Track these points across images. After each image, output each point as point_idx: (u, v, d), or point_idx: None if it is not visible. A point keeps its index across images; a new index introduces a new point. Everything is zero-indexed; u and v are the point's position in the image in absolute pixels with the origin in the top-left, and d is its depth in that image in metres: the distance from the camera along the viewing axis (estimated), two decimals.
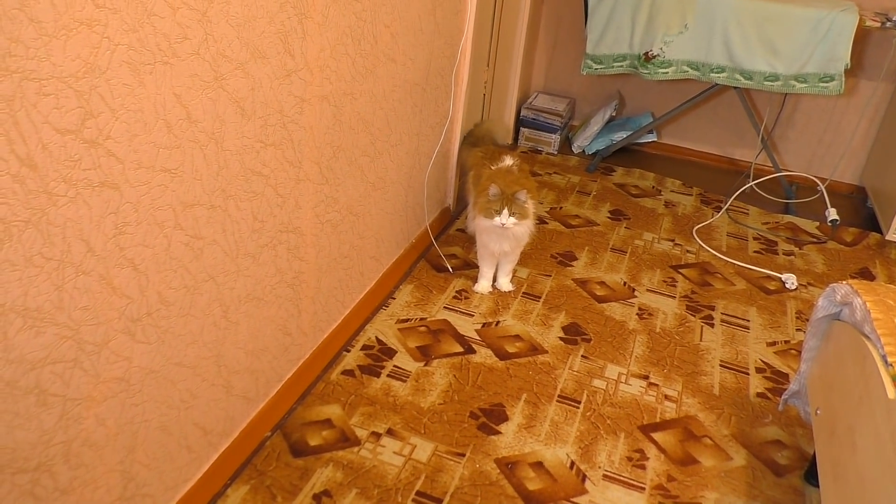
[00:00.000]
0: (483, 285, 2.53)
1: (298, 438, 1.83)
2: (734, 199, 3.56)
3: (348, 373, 2.07)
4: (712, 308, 2.61)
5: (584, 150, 3.93)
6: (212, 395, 1.59)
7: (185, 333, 1.44)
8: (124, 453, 1.35)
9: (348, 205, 2.02)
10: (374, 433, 1.87)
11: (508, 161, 2.53)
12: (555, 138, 3.88)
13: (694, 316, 2.55)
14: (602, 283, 2.69)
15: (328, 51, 1.70)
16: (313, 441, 1.83)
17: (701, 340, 2.42)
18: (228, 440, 1.70)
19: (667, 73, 3.36)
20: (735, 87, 3.40)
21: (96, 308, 1.18)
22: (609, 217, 3.23)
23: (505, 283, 2.56)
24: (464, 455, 1.84)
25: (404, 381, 2.06)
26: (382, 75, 2.04)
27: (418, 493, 1.72)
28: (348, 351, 2.16)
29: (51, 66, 0.98)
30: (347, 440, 1.84)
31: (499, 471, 1.81)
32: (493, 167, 2.50)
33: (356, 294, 2.25)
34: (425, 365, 2.14)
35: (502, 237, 2.37)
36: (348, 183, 1.98)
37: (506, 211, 2.27)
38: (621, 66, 3.47)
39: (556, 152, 3.90)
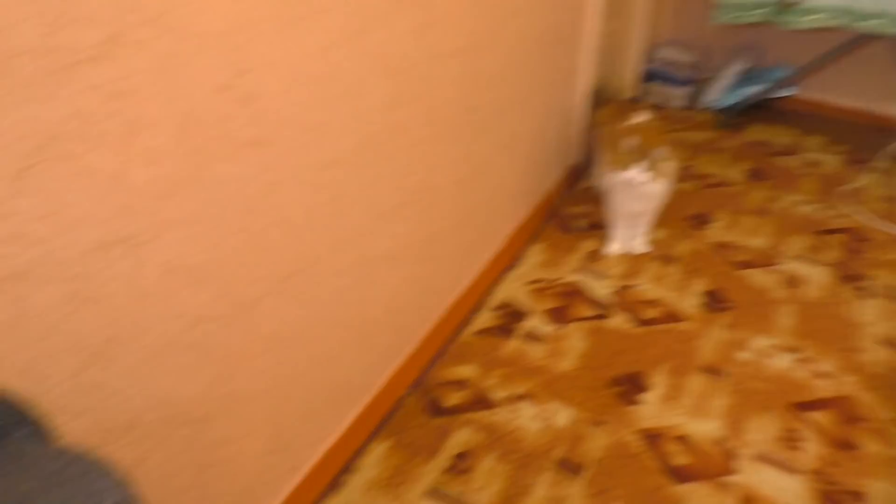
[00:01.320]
0: (615, 246, 2.44)
1: (435, 398, 1.82)
2: (885, 158, 3.27)
3: (481, 333, 2.04)
4: (867, 278, 2.41)
5: (714, 105, 3.71)
6: (354, 352, 1.59)
7: (331, 291, 1.43)
8: (276, 407, 1.37)
9: (479, 162, 1.97)
10: (510, 396, 1.84)
11: (643, 117, 2.40)
12: (683, 92, 3.67)
13: (846, 286, 2.36)
14: (742, 248, 2.53)
15: (459, 4, 1.63)
16: (450, 401, 1.81)
17: (856, 313, 2.24)
18: (368, 397, 1.71)
19: (809, 21, 3.09)
20: (886, 36, 3.09)
21: (251, 266, 1.18)
22: (745, 177, 3.03)
23: (639, 245, 2.45)
24: (604, 424, 1.78)
25: (538, 344, 2.01)
26: (510, 30, 1.95)
27: (559, 460, 1.67)
28: (480, 311, 2.13)
29: (205, 22, 0.96)
30: (483, 402, 1.82)
31: (641, 442, 1.73)
32: (626, 123, 2.38)
33: (486, 254, 2.21)
34: (559, 328, 2.08)
35: (635, 196, 2.25)
36: (479, 141, 1.93)
37: (640, 166, 2.15)
38: (758, 14, 3.22)
39: (684, 107, 3.70)
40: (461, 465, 1.66)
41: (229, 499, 1.32)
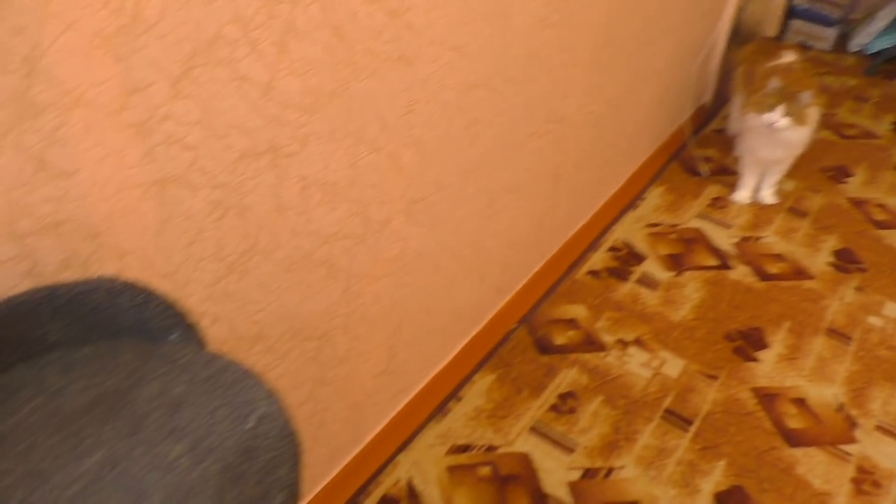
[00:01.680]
0: (743, 194, 2.30)
1: (543, 335, 1.79)
2: None
3: (594, 274, 1.99)
4: None
5: (864, 49, 3.41)
6: (468, 282, 1.57)
7: (453, 220, 1.41)
8: (392, 330, 1.38)
9: (611, 96, 1.87)
10: (620, 340, 1.79)
11: (789, 57, 2.22)
12: (830, 32, 3.38)
13: None
14: (882, 206, 2.35)
15: None
16: (558, 340, 1.78)
17: None
18: (477, 328, 1.70)
19: None
20: None
21: (383, 187, 1.16)
22: (892, 129, 2.79)
23: (768, 196, 2.31)
24: (717, 378, 1.71)
25: (653, 290, 1.94)
26: None
27: (667, 411, 1.63)
28: (595, 251, 2.07)
29: None
30: (593, 344, 1.78)
31: (756, 400, 1.66)
32: (768, 64, 2.20)
33: (606, 192, 2.13)
34: (676, 275, 2.00)
35: (772, 142, 2.10)
36: (614, 72, 1.82)
37: (780, 109, 1.99)
38: None
39: (829, 49, 3.42)
40: (566, 405, 1.64)
41: (339, 415, 1.34)
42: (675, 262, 2.04)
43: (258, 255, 0.97)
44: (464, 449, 1.53)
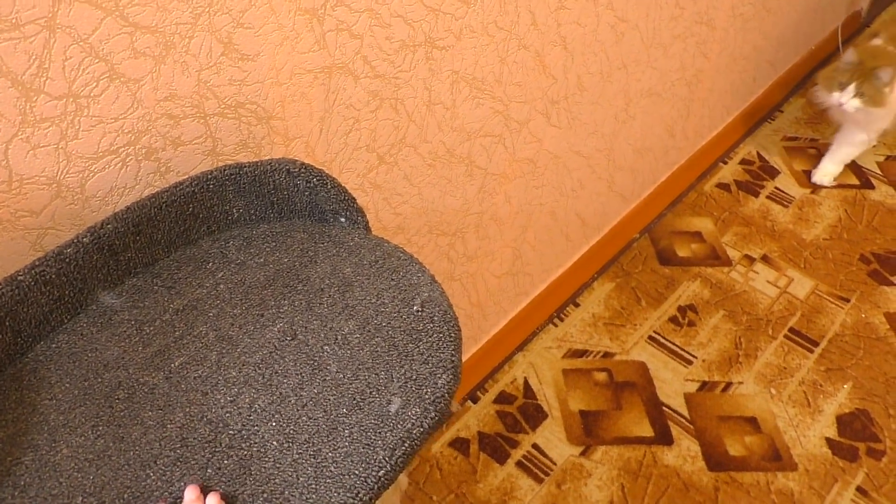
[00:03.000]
0: (825, 170, 1.95)
1: (666, 246, 1.76)
2: None
3: (723, 186, 1.92)
4: None
5: None
6: (596, 187, 1.55)
7: (589, 122, 1.38)
8: (519, 231, 1.39)
9: None
10: (747, 256, 1.74)
11: None
12: None
13: None
14: None
15: None
16: (681, 252, 1.75)
17: None
18: (600, 234, 1.68)
19: None
20: None
21: (526, 85, 1.15)
22: None
23: (824, 174, 1.93)
24: (848, 301, 1.65)
25: (786, 207, 1.86)
26: None
27: (791, 330, 1.59)
28: (725, 163, 1.99)
29: None
30: (717, 258, 1.74)
31: (888, 326, 1.60)
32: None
33: (743, 102, 2.02)
34: (811, 192, 1.90)
35: (848, 120, 1.82)
36: None
37: (852, 87, 1.68)
38: None
39: None
40: (685, 317, 1.62)
41: (463, 311, 1.38)
42: (811, 179, 1.94)
43: (406, 148, 0.99)
44: (580, 354, 1.56)
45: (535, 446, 1.40)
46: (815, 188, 1.91)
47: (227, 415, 0.56)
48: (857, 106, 1.68)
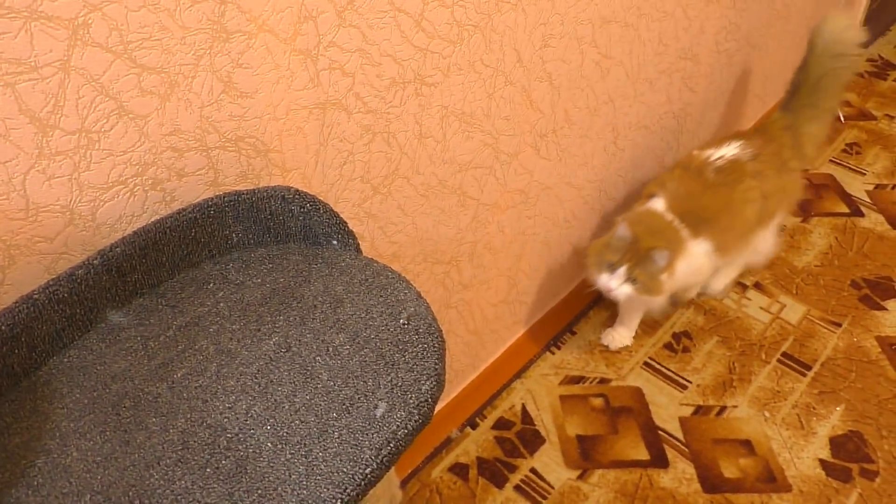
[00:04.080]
0: (618, 334, 1.66)
1: None
2: None
3: None
4: None
5: None
6: (588, 217, 1.60)
7: (579, 154, 1.43)
8: (513, 260, 1.43)
9: (748, 33, 1.81)
10: (739, 283, 1.78)
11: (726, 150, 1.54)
12: None
13: None
14: None
15: None
16: None
17: None
18: None
19: None
20: None
21: (514, 119, 1.21)
22: None
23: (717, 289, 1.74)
24: (840, 325, 1.68)
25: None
26: None
27: (784, 354, 1.62)
28: None
29: None
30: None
31: (880, 349, 1.63)
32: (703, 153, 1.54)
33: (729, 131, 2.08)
34: (802, 221, 1.95)
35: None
36: (754, 8, 1.77)
37: (622, 271, 1.38)
38: None
39: None
40: (679, 344, 1.66)
41: (460, 339, 1.42)
42: (802, 208, 1.98)
43: (400, 179, 1.04)
44: (577, 380, 1.59)
45: (533, 471, 1.43)
46: (807, 217, 1.95)
47: (226, 420, 0.61)
48: (627, 293, 1.40)
